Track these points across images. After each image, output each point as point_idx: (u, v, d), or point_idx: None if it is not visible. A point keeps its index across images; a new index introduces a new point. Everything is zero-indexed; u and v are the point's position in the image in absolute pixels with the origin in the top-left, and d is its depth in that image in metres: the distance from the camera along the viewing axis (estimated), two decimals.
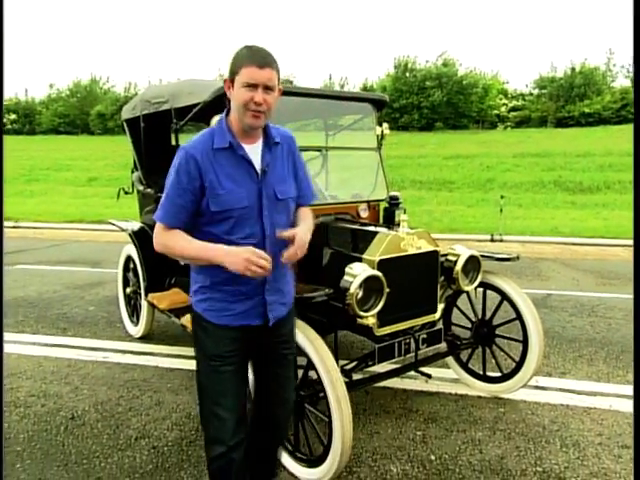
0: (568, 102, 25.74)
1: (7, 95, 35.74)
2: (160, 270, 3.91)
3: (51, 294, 5.83)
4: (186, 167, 1.71)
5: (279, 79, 1.73)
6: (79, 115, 31.54)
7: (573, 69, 26.88)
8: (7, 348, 4.18)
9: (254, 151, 1.79)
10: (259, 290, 1.82)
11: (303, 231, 1.79)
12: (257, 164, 1.78)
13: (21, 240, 9.87)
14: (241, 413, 1.90)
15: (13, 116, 34.02)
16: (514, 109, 28.27)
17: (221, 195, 1.71)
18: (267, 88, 1.68)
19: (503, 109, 28.06)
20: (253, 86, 1.66)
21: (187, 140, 1.87)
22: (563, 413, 3.09)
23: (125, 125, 4.36)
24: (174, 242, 1.74)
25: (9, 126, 33.75)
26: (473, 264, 2.98)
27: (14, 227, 11.41)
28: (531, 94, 28.78)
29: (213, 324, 1.83)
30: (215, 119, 2.84)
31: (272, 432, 2.11)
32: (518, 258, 3.24)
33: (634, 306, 2.78)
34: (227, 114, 1.81)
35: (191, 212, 1.74)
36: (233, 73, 1.69)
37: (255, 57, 1.67)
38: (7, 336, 4.46)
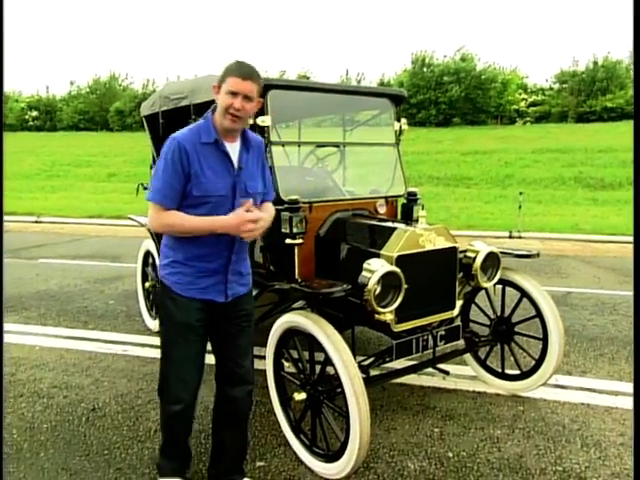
0: (590, 96, 25.23)
1: (29, 92, 36.37)
2: None
3: (72, 288, 5.94)
4: (178, 155, 1.96)
5: (259, 92, 2.03)
6: (98, 112, 31.96)
7: (595, 62, 26.31)
8: (30, 340, 4.28)
9: (233, 149, 2.07)
10: (222, 269, 2.10)
11: (264, 215, 2.05)
12: (235, 161, 2.07)
13: (42, 235, 10.07)
14: (199, 378, 2.20)
15: (35, 113, 34.62)
16: (534, 104, 27.82)
17: (203, 183, 1.99)
18: (246, 97, 1.96)
19: (522, 104, 27.63)
20: (235, 94, 1.95)
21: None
22: (584, 412, 3.05)
23: (144, 121, 4.41)
24: (174, 220, 1.99)
25: (31, 123, 34.36)
26: (492, 261, 2.94)
27: (36, 222, 11.64)
28: (551, 89, 28.26)
29: (181, 296, 2.08)
30: None
31: (234, 412, 2.30)
32: (538, 255, 3.19)
33: (634, 306, 2.72)
34: (212, 114, 2.07)
35: (181, 195, 1.99)
36: (221, 81, 1.99)
37: (241, 70, 1.97)
38: (30, 328, 4.56)
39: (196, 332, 2.12)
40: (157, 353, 3.93)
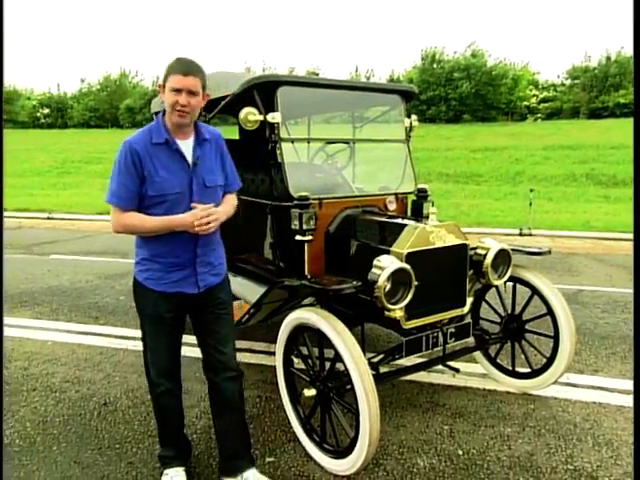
0: (602, 92, 24.96)
1: (40, 90, 36.68)
2: None
3: (83, 283, 5.99)
4: (131, 158, 2.03)
5: (204, 86, 2.07)
6: (109, 109, 32.20)
7: (608, 58, 26.02)
8: (43, 335, 4.33)
9: (186, 146, 2.12)
10: (190, 262, 2.17)
11: (219, 210, 2.14)
12: (189, 157, 2.12)
13: (54, 231, 10.16)
14: (173, 365, 2.33)
15: (46, 110, 34.97)
16: (545, 100, 27.58)
17: (157, 182, 2.05)
18: (190, 93, 2.01)
19: (533, 100, 27.41)
20: (178, 91, 2.00)
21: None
22: (595, 411, 3.02)
23: (155, 118, 4.42)
24: (133, 221, 2.07)
25: (42, 120, 34.71)
26: (503, 258, 2.92)
27: (48, 218, 11.74)
28: (563, 85, 28.01)
29: (152, 290, 2.17)
30: (244, 111, 2.88)
31: (222, 399, 2.36)
32: (550, 252, 3.17)
33: (634, 305, 2.69)
34: (164, 114, 2.12)
35: (137, 196, 2.06)
36: (164, 80, 2.03)
37: (181, 66, 2.00)
38: (43, 323, 4.61)
39: (166, 323, 2.22)
40: None
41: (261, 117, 2.93)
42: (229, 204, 2.29)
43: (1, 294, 3.14)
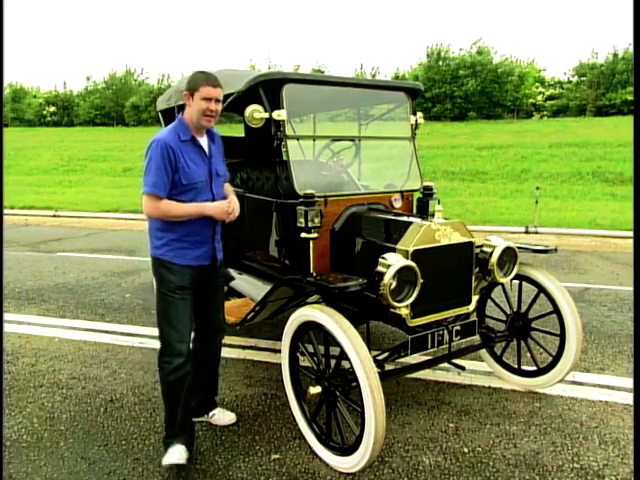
0: (609, 90, 24.76)
1: (47, 88, 36.80)
2: None
3: (89, 281, 6.02)
4: (167, 153, 2.38)
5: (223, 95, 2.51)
6: (114, 107, 32.27)
7: (615, 55, 25.81)
8: (49, 332, 4.36)
9: (204, 143, 2.55)
10: (210, 240, 2.59)
11: (235, 200, 2.61)
12: (207, 152, 2.54)
13: (60, 229, 10.22)
14: (191, 332, 2.61)
15: (52, 108, 35.08)
16: (551, 98, 27.41)
17: (188, 172, 2.44)
18: (217, 101, 2.44)
19: (539, 98, 27.24)
20: (209, 99, 2.41)
21: (219, 130, 2.67)
22: (602, 409, 3.01)
23: (160, 115, 4.43)
24: (169, 207, 2.43)
25: (49, 118, 34.84)
26: (509, 256, 2.91)
27: (54, 216, 11.81)
28: (569, 82, 27.81)
29: (178, 264, 2.51)
30: (249, 109, 2.88)
31: (212, 354, 2.83)
32: (556, 250, 3.16)
33: (634, 305, 2.67)
34: (183, 116, 2.51)
35: (170, 185, 2.42)
36: (193, 90, 2.42)
37: (210, 79, 2.42)
38: (49, 320, 4.64)
39: (189, 292, 2.55)
40: None
41: (267, 115, 2.93)
42: (232, 193, 2.73)
43: (1, 294, 3.17)
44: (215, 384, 2.93)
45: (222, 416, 2.92)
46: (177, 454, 2.47)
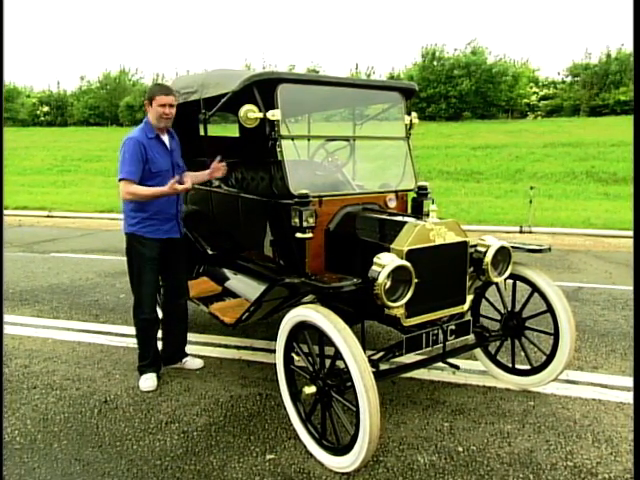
0: (603, 90, 24.90)
1: (40, 88, 36.58)
2: (189, 259, 3.96)
3: (84, 281, 5.99)
4: (139, 147, 3.07)
5: (176, 100, 3.21)
6: (108, 107, 32.11)
7: (609, 55, 25.96)
8: (43, 333, 4.33)
9: (166, 140, 3.25)
10: (174, 217, 3.30)
11: (188, 178, 3.19)
12: (168, 147, 3.25)
13: (54, 229, 10.16)
14: (156, 295, 3.44)
15: (46, 108, 34.88)
16: (545, 98, 27.54)
17: (156, 163, 3.14)
18: (171, 105, 3.14)
19: (533, 98, 27.37)
20: (163, 105, 3.10)
21: (212, 130, 3.31)
22: (595, 408, 3.03)
23: None
24: (139, 190, 3.05)
25: (42, 118, 34.63)
26: (503, 255, 2.92)
27: (48, 216, 11.74)
28: (563, 82, 27.95)
29: (149, 238, 3.21)
30: (244, 109, 2.87)
31: (180, 313, 3.53)
32: (550, 249, 3.17)
33: (634, 304, 2.69)
34: (147, 118, 3.19)
35: (141, 173, 3.08)
36: (151, 99, 3.12)
37: (163, 90, 3.17)
38: (43, 321, 4.62)
39: (157, 262, 3.27)
40: None
41: (261, 114, 2.93)
42: (190, 176, 3.32)
43: (1, 295, 3.16)
44: (184, 337, 3.61)
45: (192, 362, 3.61)
46: (150, 381, 3.31)
